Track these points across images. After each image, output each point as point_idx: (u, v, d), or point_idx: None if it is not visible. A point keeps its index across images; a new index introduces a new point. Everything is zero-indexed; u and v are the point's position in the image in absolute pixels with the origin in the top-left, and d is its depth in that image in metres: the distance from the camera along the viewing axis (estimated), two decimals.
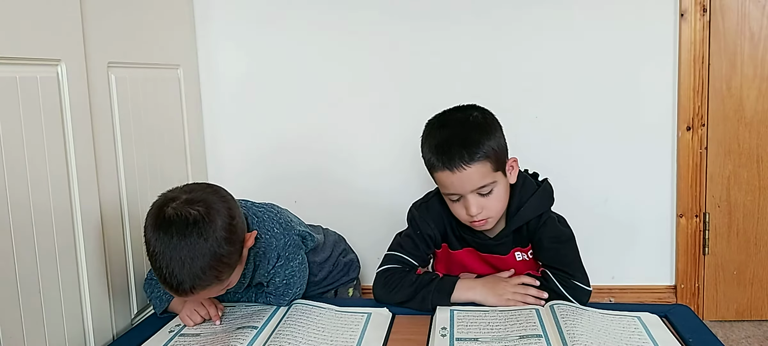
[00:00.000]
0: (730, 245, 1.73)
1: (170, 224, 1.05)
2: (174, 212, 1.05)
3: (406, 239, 1.32)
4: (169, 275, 1.04)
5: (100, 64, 1.26)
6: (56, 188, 1.11)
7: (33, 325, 1.04)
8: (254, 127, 1.83)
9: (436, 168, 1.18)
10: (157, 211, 1.08)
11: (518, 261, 1.30)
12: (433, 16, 1.72)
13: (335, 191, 1.81)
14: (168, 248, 1.04)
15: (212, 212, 1.07)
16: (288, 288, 1.28)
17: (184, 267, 1.04)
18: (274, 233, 1.25)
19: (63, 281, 1.12)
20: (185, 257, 1.03)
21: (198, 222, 1.05)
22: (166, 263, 1.04)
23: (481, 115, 1.22)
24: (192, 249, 1.04)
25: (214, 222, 1.06)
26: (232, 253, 1.09)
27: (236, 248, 1.11)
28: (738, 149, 1.69)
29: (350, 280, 1.55)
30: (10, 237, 1.00)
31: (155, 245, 1.06)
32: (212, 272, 1.06)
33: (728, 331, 1.70)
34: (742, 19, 1.64)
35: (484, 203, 1.19)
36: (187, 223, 1.04)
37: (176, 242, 1.04)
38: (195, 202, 1.07)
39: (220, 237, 1.06)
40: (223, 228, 1.07)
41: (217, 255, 1.06)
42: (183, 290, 1.06)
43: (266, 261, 1.25)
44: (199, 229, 1.04)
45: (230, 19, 1.78)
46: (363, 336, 1.12)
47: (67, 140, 1.14)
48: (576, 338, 1.04)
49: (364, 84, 1.77)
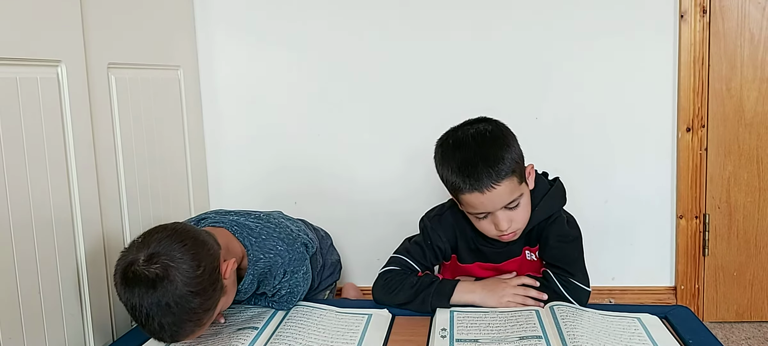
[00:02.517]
0: (730, 246, 1.73)
1: (136, 285, 1.01)
2: (135, 276, 1.01)
3: (416, 246, 1.31)
4: (151, 330, 1.03)
5: (101, 65, 1.26)
6: (56, 189, 1.11)
7: (33, 326, 1.04)
8: (254, 128, 1.83)
9: (463, 191, 1.15)
10: (122, 274, 1.03)
11: (528, 260, 1.30)
12: (432, 18, 1.72)
13: (335, 192, 1.81)
14: (141, 305, 1.01)
15: (171, 270, 1.01)
16: (292, 296, 1.27)
17: (161, 324, 1.01)
18: (278, 251, 1.23)
19: (63, 282, 1.12)
20: (157, 315, 1.01)
21: (158, 281, 1.00)
22: (145, 319, 1.02)
23: (496, 128, 1.19)
24: (161, 308, 1.00)
25: (174, 281, 1.00)
26: (203, 301, 1.04)
27: (208, 293, 1.05)
28: (738, 150, 1.69)
29: (333, 282, 1.54)
30: (10, 238, 1.00)
31: (129, 302, 1.03)
32: (189, 323, 1.03)
33: (728, 332, 1.70)
34: (742, 20, 1.64)
35: (513, 216, 1.18)
36: (148, 283, 1.00)
37: (146, 301, 1.00)
38: (154, 259, 1.02)
39: (184, 293, 1.01)
40: (185, 283, 1.01)
41: (188, 309, 1.02)
42: (168, 342, 1.07)
43: (272, 277, 1.23)
44: (163, 289, 1.00)
45: (231, 20, 1.78)
46: (363, 337, 1.12)
47: (67, 141, 1.14)
48: (576, 339, 1.04)
49: (364, 86, 1.77)
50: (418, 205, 1.42)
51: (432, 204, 1.39)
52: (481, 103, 1.72)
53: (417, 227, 1.36)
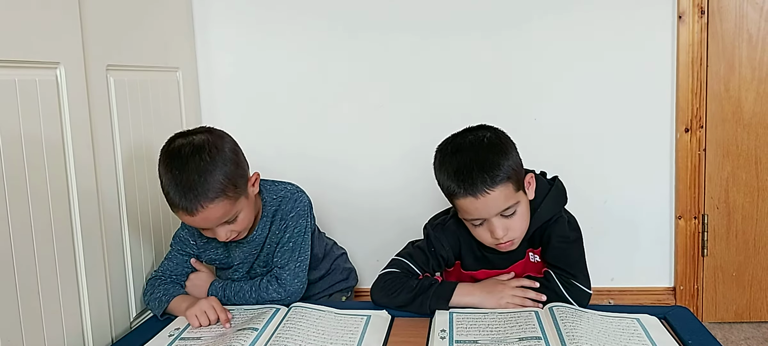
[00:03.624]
0: (728, 246, 1.73)
1: (179, 152, 1.17)
2: (181, 143, 1.19)
3: (418, 251, 1.31)
4: (182, 196, 1.14)
5: (99, 67, 1.26)
6: (55, 191, 1.11)
7: (32, 328, 1.04)
8: (253, 130, 1.82)
9: (458, 195, 1.15)
10: (167, 147, 1.20)
11: (532, 262, 1.30)
12: (432, 20, 1.72)
13: (333, 195, 1.81)
14: (179, 172, 1.14)
15: (216, 138, 1.20)
16: (291, 253, 1.31)
17: (192, 180, 1.13)
18: (289, 189, 1.36)
19: (62, 284, 1.12)
20: (193, 172, 1.14)
21: (204, 145, 1.17)
22: (178, 186, 1.14)
23: (495, 135, 1.20)
24: (201, 168, 1.15)
25: (218, 145, 1.18)
26: (237, 174, 1.19)
27: (241, 171, 1.22)
28: (736, 151, 1.69)
29: (349, 287, 1.56)
30: (10, 240, 1.00)
31: (167, 176, 1.16)
32: (219, 185, 1.15)
33: (727, 332, 1.70)
34: (740, 21, 1.64)
35: (509, 225, 1.18)
36: (194, 147, 1.17)
37: (186, 164, 1.15)
38: (199, 132, 1.21)
39: (226, 157, 1.18)
40: (228, 149, 1.20)
41: (225, 172, 1.16)
42: (192, 203, 1.14)
43: (280, 216, 1.33)
44: (206, 151, 1.16)
45: (229, 22, 1.78)
46: (362, 339, 1.12)
47: (65, 143, 1.14)
48: (575, 339, 1.04)
49: (364, 87, 1.77)
50: (419, 206, 1.43)
51: (432, 205, 1.39)
52: (482, 104, 1.72)
53: (416, 228, 1.36)
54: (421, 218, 1.38)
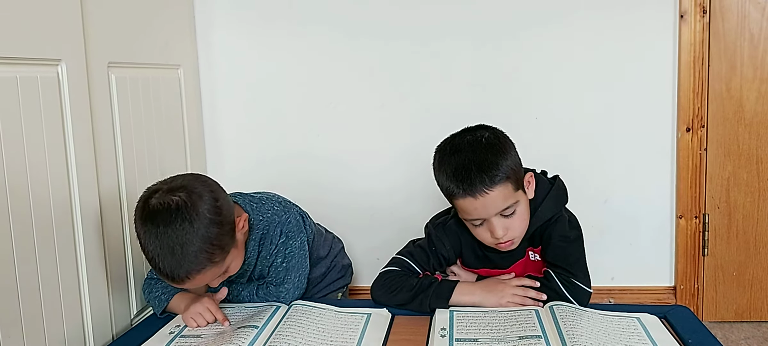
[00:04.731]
0: (729, 246, 1.73)
1: (155, 215, 1.07)
2: (157, 203, 1.07)
3: (420, 249, 1.31)
4: (163, 265, 1.06)
5: (101, 64, 1.26)
6: (56, 189, 1.11)
7: (32, 325, 1.04)
8: (254, 127, 1.83)
9: (457, 195, 1.15)
10: (142, 205, 1.10)
11: (532, 261, 1.30)
12: (432, 20, 1.72)
13: (335, 193, 1.81)
14: (157, 238, 1.06)
15: (194, 196, 1.08)
16: (288, 273, 1.28)
17: (175, 255, 1.05)
18: (275, 210, 1.28)
19: (63, 281, 1.12)
20: (174, 245, 1.05)
21: (181, 208, 1.06)
22: (158, 254, 1.06)
23: (493, 135, 1.19)
24: (180, 235, 1.05)
25: (197, 206, 1.07)
26: (221, 234, 1.10)
27: (225, 229, 1.11)
28: (737, 151, 1.69)
29: (345, 285, 1.55)
30: (10, 238, 1.00)
31: (145, 237, 1.08)
32: (204, 255, 1.07)
33: (728, 332, 1.70)
34: (742, 20, 1.64)
35: (509, 224, 1.18)
36: (170, 211, 1.06)
37: (163, 230, 1.06)
38: (176, 190, 1.09)
39: (205, 220, 1.07)
40: (207, 210, 1.08)
41: (206, 237, 1.07)
42: (179, 278, 1.08)
43: (269, 241, 1.27)
44: (183, 214, 1.06)
45: (231, 19, 1.78)
46: (363, 337, 1.12)
47: (67, 140, 1.14)
48: (575, 338, 1.04)
49: (365, 85, 1.77)
50: (418, 206, 1.43)
51: (432, 205, 1.39)
52: (482, 104, 1.72)
53: (416, 227, 1.36)
54: (420, 217, 1.38)
